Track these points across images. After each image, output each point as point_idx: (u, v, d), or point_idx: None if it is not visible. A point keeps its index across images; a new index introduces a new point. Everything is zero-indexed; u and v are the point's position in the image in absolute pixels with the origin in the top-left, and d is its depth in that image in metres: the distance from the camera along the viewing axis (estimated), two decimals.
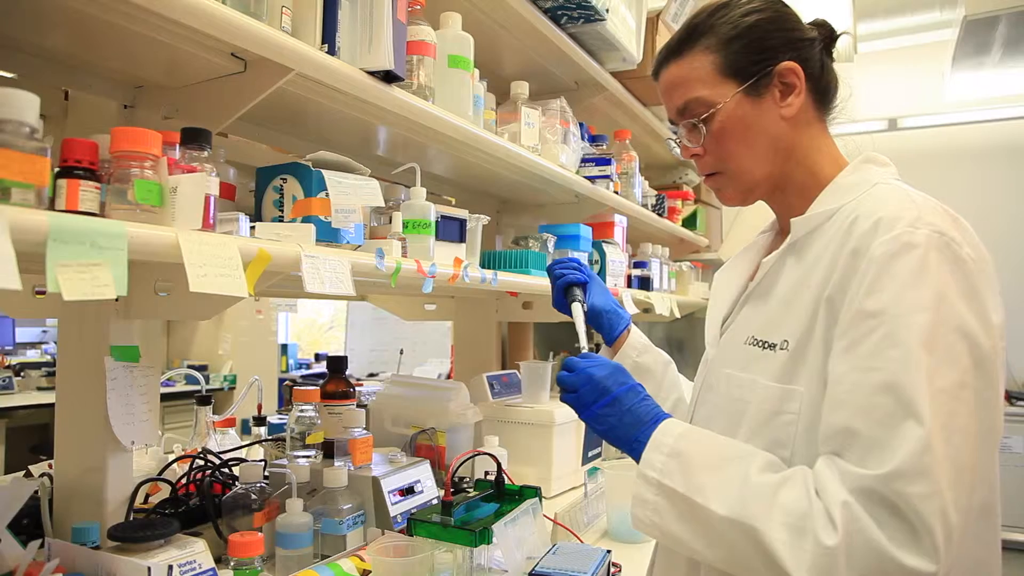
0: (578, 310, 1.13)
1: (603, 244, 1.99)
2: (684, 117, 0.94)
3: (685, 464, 0.79)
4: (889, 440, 0.68)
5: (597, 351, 1.08)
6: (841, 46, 0.98)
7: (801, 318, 0.82)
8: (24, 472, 1.28)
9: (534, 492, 1.20)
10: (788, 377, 0.82)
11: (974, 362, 0.71)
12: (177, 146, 0.87)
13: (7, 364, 4.21)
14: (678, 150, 0.99)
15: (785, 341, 0.84)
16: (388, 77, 1.09)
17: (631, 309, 2.02)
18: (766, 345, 0.86)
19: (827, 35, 0.95)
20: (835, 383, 0.75)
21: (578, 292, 1.17)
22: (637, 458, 0.84)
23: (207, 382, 4.24)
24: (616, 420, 0.88)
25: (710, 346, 1.00)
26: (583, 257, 1.86)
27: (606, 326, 1.20)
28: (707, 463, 0.79)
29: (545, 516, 1.35)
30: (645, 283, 2.31)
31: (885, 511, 0.67)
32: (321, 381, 1.44)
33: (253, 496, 1.18)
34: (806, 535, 0.69)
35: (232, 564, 1.01)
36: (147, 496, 1.25)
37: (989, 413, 0.73)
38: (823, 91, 0.94)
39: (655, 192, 2.65)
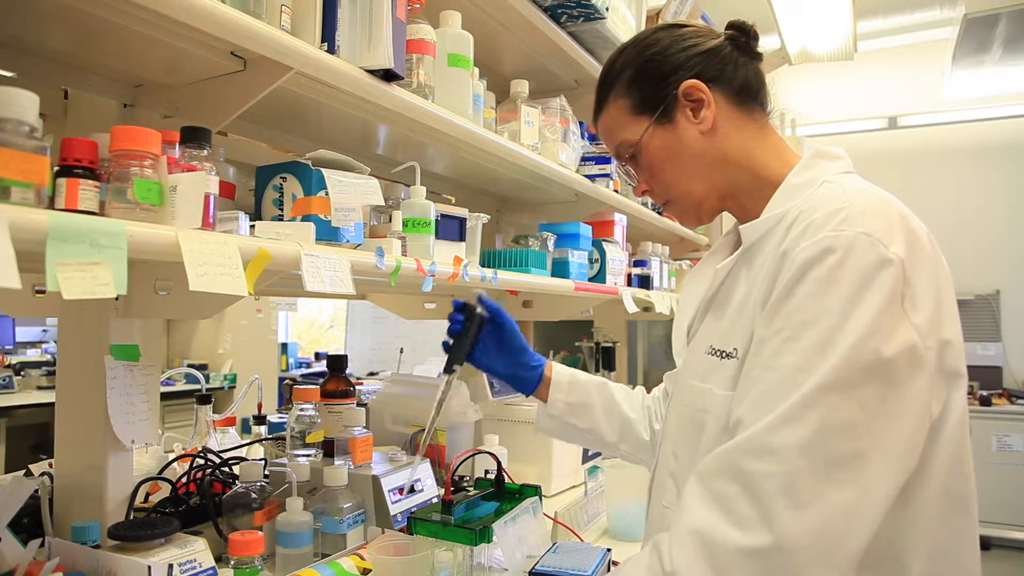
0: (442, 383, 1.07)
1: (603, 243, 1.99)
2: (619, 161, 1.00)
3: None
4: (764, 436, 0.70)
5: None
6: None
7: (748, 325, 0.82)
8: (24, 471, 1.28)
9: (534, 491, 1.20)
10: (736, 384, 0.82)
11: (875, 370, 0.69)
12: (177, 145, 0.87)
13: (7, 363, 4.21)
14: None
15: (735, 349, 0.84)
16: (388, 76, 1.09)
17: (631, 308, 2.02)
18: (723, 354, 0.86)
19: (738, 35, 0.96)
20: (743, 376, 0.78)
21: (457, 349, 1.09)
22: None
23: (207, 381, 4.25)
24: None
25: (677, 356, 1.01)
26: (583, 256, 1.86)
27: (521, 382, 1.17)
28: None
29: (545, 515, 1.36)
30: (645, 281, 2.31)
31: (732, 484, 0.70)
32: (321, 380, 1.44)
33: (253, 495, 1.18)
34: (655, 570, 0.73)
35: (232, 563, 1.01)
36: (147, 495, 1.25)
37: (916, 409, 0.71)
38: (743, 92, 0.94)
39: None
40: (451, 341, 1.13)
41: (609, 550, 1.09)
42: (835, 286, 0.72)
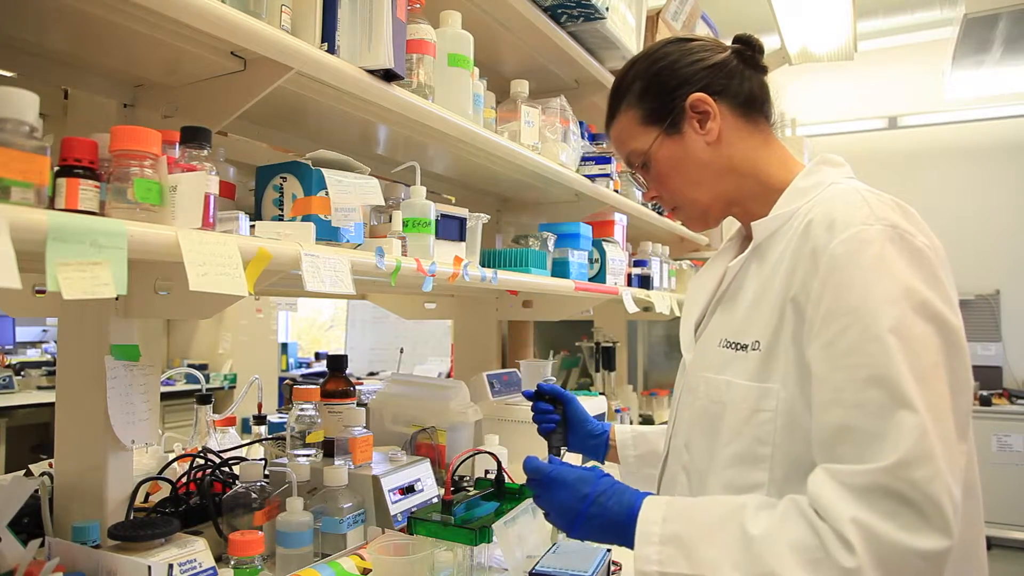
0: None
1: (603, 243, 1.99)
2: (631, 168, 1.05)
3: (682, 545, 0.78)
4: (886, 431, 0.70)
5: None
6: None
7: (769, 319, 0.85)
8: (24, 471, 1.28)
9: None
10: (763, 376, 0.85)
11: (944, 341, 0.74)
12: (177, 145, 0.87)
13: (7, 363, 4.20)
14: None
15: (756, 342, 0.87)
16: (388, 76, 1.09)
17: (631, 308, 2.02)
18: (738, 347, 0.89)
19: (744, 48, 0.99)
20: (820, 383, 0.77)
21: (556, 437, 1.27)
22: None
23: (207, 381, 4.24)
24: (599, 530, 0.87)
25: (686, 351, 1.03)
26: (583, 256, 1.86)
27: (591, 452, 1.29)
28: (702, 534, 0.78)
29: None
30: (645, 281, 2.31)
31: (893, 501, 0.68)
32: (321, 380, 1.44)
33: (253, 495, 1.18)
34: (823, 565, 0.69)
35: (232, 563, 1.01)
36: (147, 495, 1.25)
37: (964, 389, 0.76)
38: (748, 103, 0.98)
39: None
40: (551, 427, 1.28)
41: (609, 550, 1.09)
42: (884, 278, 0.74)
